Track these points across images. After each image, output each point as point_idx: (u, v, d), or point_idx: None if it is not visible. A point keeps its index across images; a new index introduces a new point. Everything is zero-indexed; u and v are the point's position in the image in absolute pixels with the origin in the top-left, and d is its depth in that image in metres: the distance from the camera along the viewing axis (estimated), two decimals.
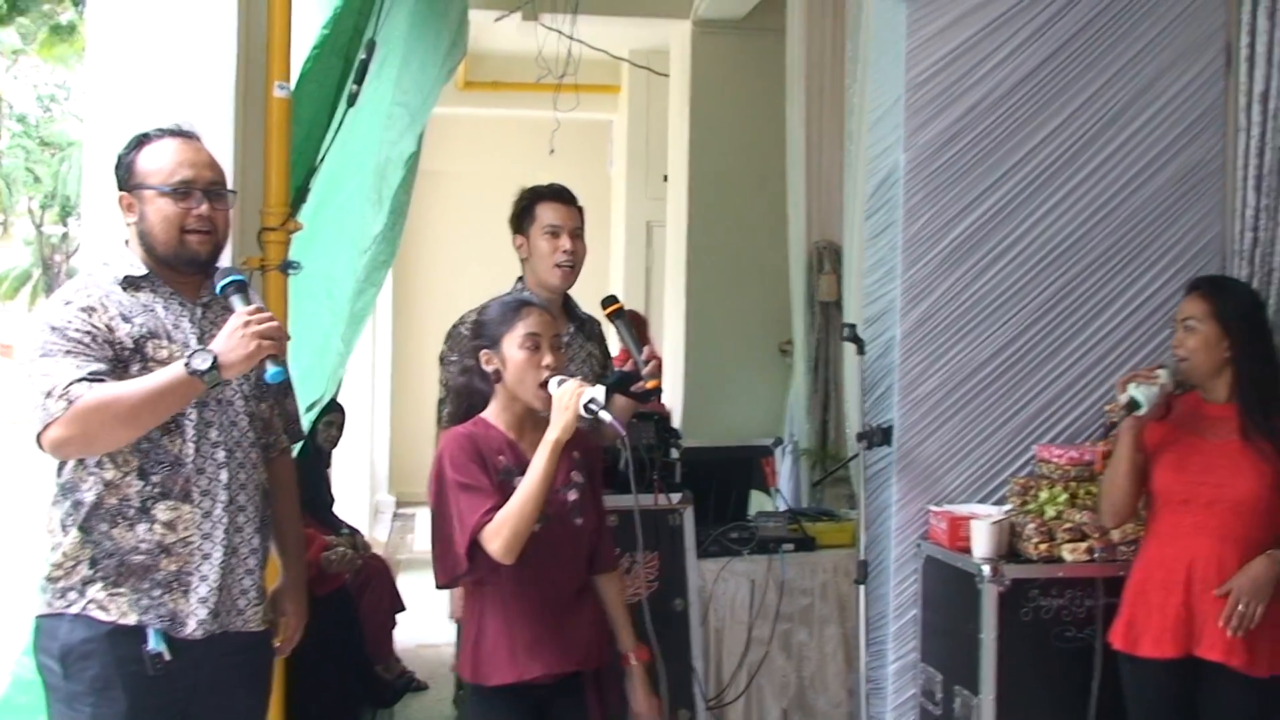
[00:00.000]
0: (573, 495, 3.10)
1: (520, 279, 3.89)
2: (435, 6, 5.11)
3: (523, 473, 2.99)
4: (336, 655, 5.11)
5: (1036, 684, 3.67)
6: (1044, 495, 3.89)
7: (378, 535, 9.61)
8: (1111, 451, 3.52)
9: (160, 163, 2.77)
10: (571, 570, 3.13)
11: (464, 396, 3.19)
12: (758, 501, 5.18)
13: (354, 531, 5.96)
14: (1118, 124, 4.25)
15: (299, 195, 3.88)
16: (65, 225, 34.38)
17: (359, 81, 3.91)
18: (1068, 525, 3.79)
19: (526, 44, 8.36)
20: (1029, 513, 3.85)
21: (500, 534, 2.90)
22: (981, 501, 4.13)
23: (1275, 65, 4.26)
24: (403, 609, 6.14)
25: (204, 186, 2.77)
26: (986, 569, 3.68)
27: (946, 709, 3.86)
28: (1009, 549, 3.80)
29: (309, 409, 4.05)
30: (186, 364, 2.57)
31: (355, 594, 5.66)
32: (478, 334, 3.16)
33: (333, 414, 5.78)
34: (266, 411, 2.95)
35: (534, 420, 3.09)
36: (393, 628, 6.10)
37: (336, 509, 6.24)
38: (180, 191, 2.74)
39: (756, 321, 7.67)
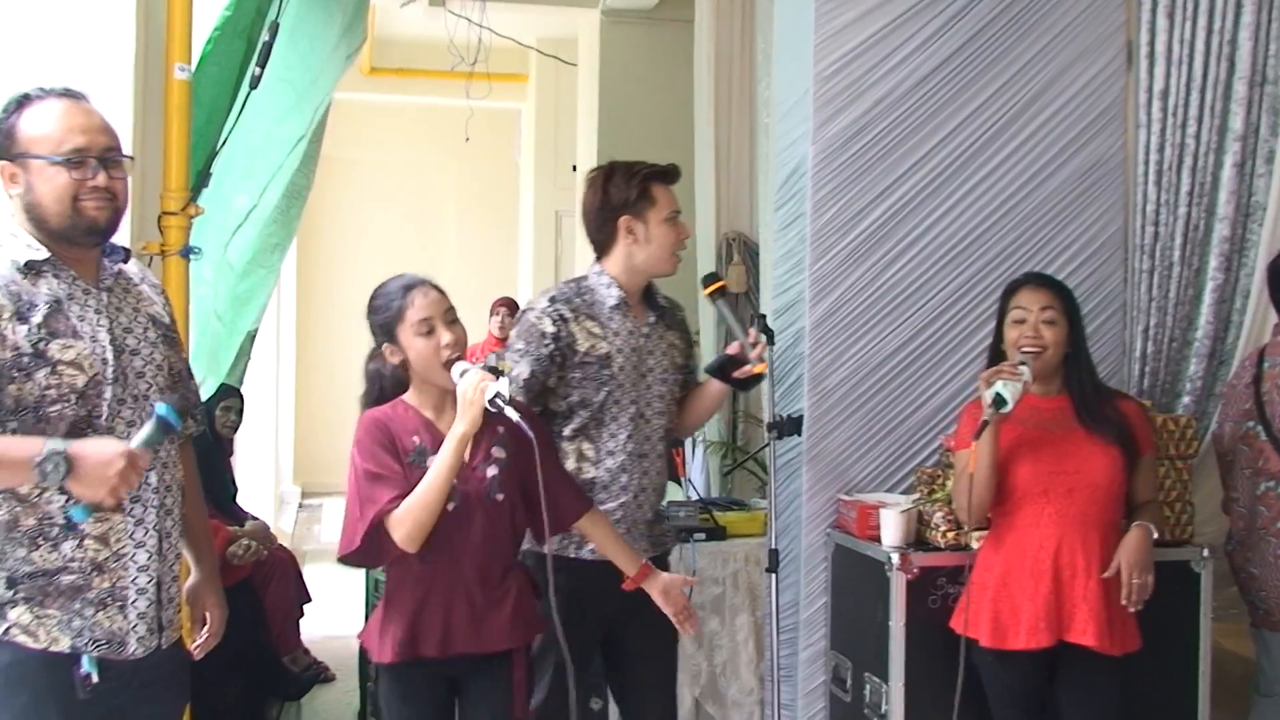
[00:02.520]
0: (491, 471, 3.06)
1: (596, 263, 3.60)
2: None
3: (436, 454, 2.97)
4: (242, 648, 5.02)
5: (944, 670, 3.69)
6: (950, 485, 3.93)
7: (283, 526, 9.49)
8: (972, 452, 3.50)
9: (48, 128, 2.47)
10: (490, 549, 3.06)
11: (374, 382, 3.16)
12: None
13: (259, 522, 5.87)
14: (1022, 119, 4.29)
15: (200, 179, 3.80)
16: None
17: (262, 64, 3.84)
18: None
19: (433, 30, 8.30)
20: (936, 501, 3.89)
21: (403, 524, 2.92)
22: (889, 491, 4.17)
23: (1174, 63, 4.35)
24: (309, 600, 6.07)
25: (99, 154, 2.48)
26: (895, 557, 3.71)
27: (856, 695, 3.89)
28: (917, 537, 3.84)
29: None
30: (39, 465, 2.29)
31: (260, 586, 5.59)
32: (372, 328, 3.12)
33: (230, 399, 5.68)
34: (178, 401, 2.68)
35: (454, 397, 3.04)
36: (299, 619, 6.03)
37: (240, 499, 6.15)
38: (73, 161, 2.45)
39: None
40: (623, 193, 3.53)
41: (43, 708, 2.44)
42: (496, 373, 3.13)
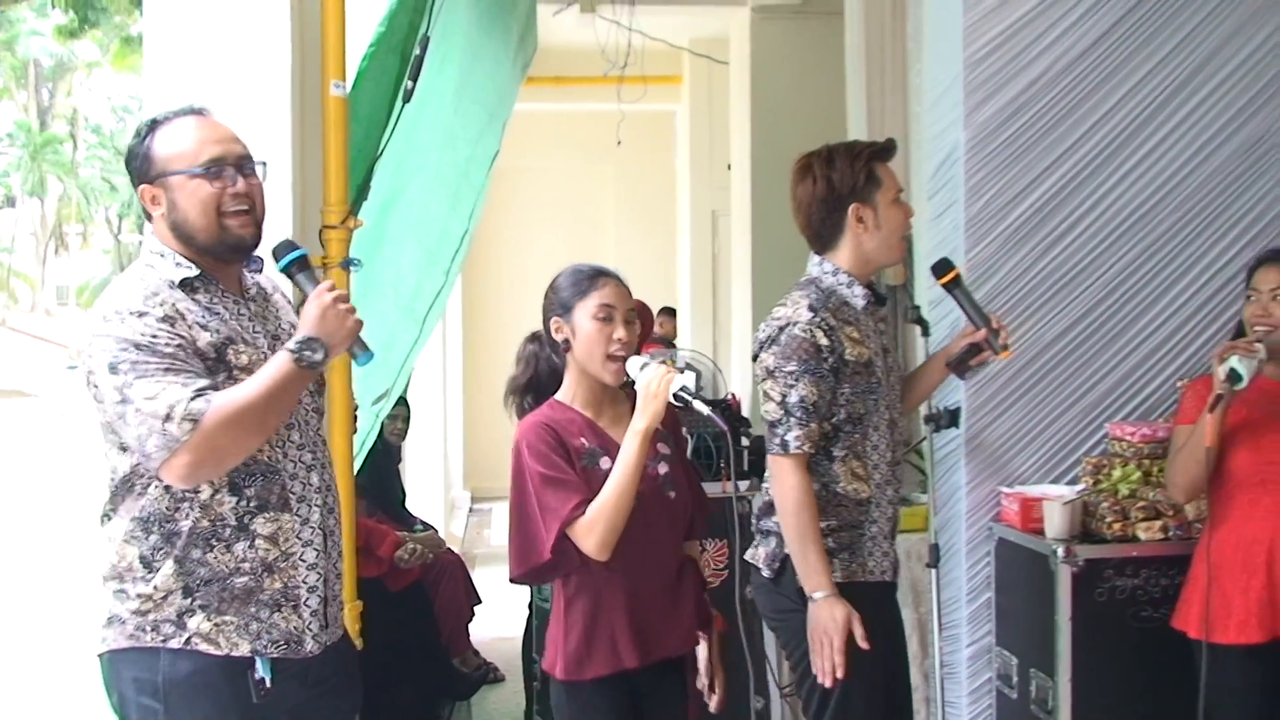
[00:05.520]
0: (663, 468, 3.01)
1: (820, 259, 3.32)
2: (500, 1, 5.09)
3: (607, 454, 2.91)
4: (413, 649, 5.15)
5: (1114, 665, 3.61)
6: (1117, 474, 3.83)
7: (454, 530, 9.68)
8: (1188, 427, 3.42)
9: (183, 145, 2.50)
10: (669, 548, 3.02)
11: (530, 364, 3.14)
12: None
13: (428, 527, 6.00)
14: (1181, 95, 4.15)
15: (360, 193, 3.90)
16: (142, 234, 35.18)
17: (414, 78, 3.92)
18: (1142, 503, 3.73)
19: (585, 37, 8.38)
20: (1102, 492, 3.79)
21: (594, 530, 2.82)
22: (1053, 482, 4.07)
23: None
24: (479, 602, 6.17)
25: (234, 161, 2.52)
26: (1060, 550, 3.62)
27: (1023, 692, 3.81)
28: (1082, 529, 3.74)
29: (375, 402, 4.08)
30: (297, 358, 2.37)
31: (431, 588, 5.71)
32: (548, 305, 3.05)
33: (396, 408, 5.82)
34: (323, 405, 2.77)
35: (611, 396, 3.02)
36: (469, 621, 6.15)
37: (411, 505, 6.30)
38: (212, 171, 2.49)
39: None
40: (849, 178, 3.23)
41: (224, 715, 2.46)
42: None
